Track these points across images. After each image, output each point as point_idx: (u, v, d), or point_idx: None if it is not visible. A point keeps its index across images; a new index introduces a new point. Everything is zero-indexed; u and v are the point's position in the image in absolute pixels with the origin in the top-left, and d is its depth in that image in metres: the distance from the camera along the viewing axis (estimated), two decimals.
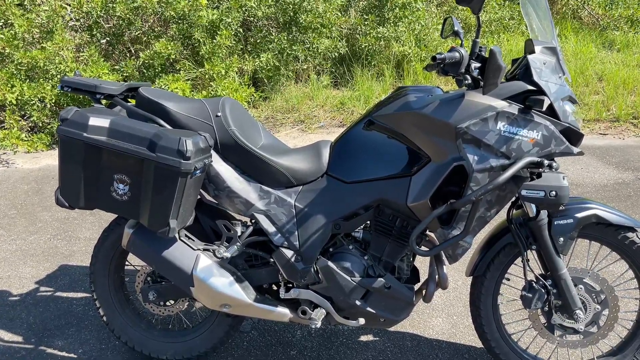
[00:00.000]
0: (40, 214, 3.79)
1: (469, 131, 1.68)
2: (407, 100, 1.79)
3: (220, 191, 1.93)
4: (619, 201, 3.61)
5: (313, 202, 1.94)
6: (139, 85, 2.03)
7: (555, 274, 1.87)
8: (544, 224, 1.83)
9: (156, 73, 5.61)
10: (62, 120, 1.77)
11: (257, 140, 2.02)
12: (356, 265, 1.94)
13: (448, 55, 1.64)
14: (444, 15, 6.88)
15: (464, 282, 2.73)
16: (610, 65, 6.12)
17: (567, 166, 4.20)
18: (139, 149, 1.73)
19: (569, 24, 7.21)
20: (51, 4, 5.33)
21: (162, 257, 1.93)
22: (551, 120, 1.70)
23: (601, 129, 5.10)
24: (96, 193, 1.82)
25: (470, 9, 1.62)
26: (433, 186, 1.76)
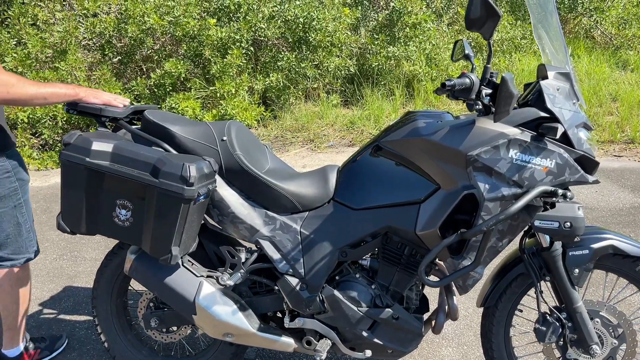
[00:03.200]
0: (47, 233, 3.78)
1: (479, 159, 1.63)
2: (416, 126, 1.75)
3: (224, 216, 1.89)
4: (635, 226, 3.51)
5: (319, 228, 1.89)
6: (145, 107, 2.01)
7: (570, 307, 1.79)
8: (558, 255, 1.77)
9: (167, 92, 5.64)
10: (65, 145, 1.75)
11: (263, 164, 1.98)
12: (363, 295, 1.88)
13: (458, 82, 1.60)
14: (454, 34, 6.87)
15: (474, 310, 2.65)
16: (624, 86, 6.05)
17: (581, 189, 4.12)
18: (142, 174, 1.70)
19: (581, 44, 7.17)
20: (65, 25, 5.39)
21: (164, 284, 1.89)
22: (565, 148, 1.64)
23: (616, 151, 5.01)
24: (98, 218, 1.79)
25: (481, 35, 1.58)
26: (443, 214, 1.70)
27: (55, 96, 1.90)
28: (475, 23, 1.55)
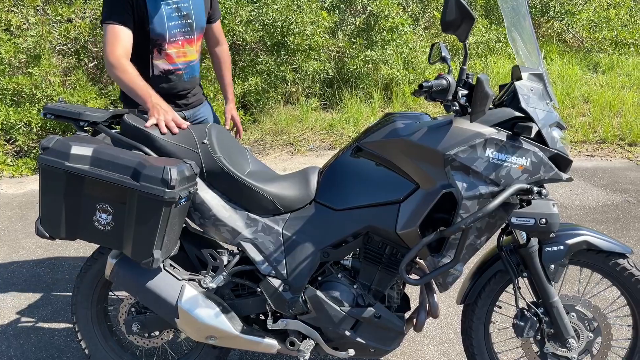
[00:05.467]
0: (23, 240, 3.71)
1: (457, 158, 1.66)
2: (395, 127, 1.78)
3: (206, 219, 1.89)
4: (608, 224, 3.61)
5: (301, 229, 1.91)
6: (124, 112, 2.00)
7: (547, 302, 1.84)
8: (535, 251, 1.81)
9: None
10: (43, 149, 1.73)
11: (244, 167, 1.99)
12: (345, 295, 1.90)
13: (435, 83, 1.63)
14: (431, 38, 6.96)
15: (455, 309, 2.69)
16: (595, 87, 6.20)
17: (556, 188, 4.20)
18: (123, 178, 1.69)
19: (554, 47, 7.32)
20: (38, 30, 5.31)
21: (146, 288, 1.88)
22: (540, 146, 1.69)
23: (588, 151, 5.13)
24: (78, 223, 1.78)
25: (457, 37, 1.62)
26: (422, 213, 1.73)
27: (132, 91, 2.08)
28: (451, 26, 1.59)
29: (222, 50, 2.74)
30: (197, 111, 2.58)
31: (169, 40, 2.32)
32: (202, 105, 2.63)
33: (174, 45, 2.34)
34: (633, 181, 4.37)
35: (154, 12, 2.25)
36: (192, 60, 2.45)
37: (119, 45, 2.15)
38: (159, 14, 2.26)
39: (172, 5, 2.30)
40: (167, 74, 2.38)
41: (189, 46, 2.40)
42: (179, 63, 2.39)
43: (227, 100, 2.80)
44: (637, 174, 4.55)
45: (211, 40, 2.69)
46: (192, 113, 2.55)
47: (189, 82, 2.48)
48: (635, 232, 3.48)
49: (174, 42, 2.34)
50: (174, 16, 2.31)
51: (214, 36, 2.67)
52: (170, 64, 2.37)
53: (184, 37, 2.37)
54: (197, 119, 2.58)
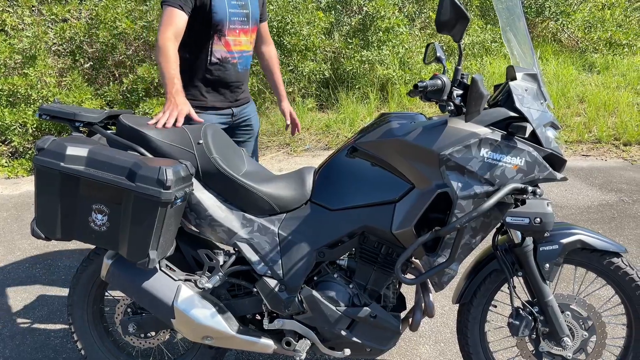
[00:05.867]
0: (19, 242, 3.71)
1: (452, 158, 1.67)
2: (390, 128, 1.78)
3: (201, 220, 1.90)
4: (603, 223, 3.62)
5: (297, 229, 1.91)
6: (120, 112, 2.00)
7: (542, 301, 1.85)
8: (530, 250, 1.82)
9: (140, 97, 5.58)
10: (39, 150, 1.73)
11: (239, 167, 1.99)
12: (341, 294, 1.90)
13: (430, 83, 1.64)
14: (427, 38, 6.98)
15: (451, 308, 2.70)
16: (590, 87, 6.23)
17: (551, 188, 4.22)
18: (118, 178, 1.69)
19: (549, 47, 7.35)
20: (34, 30, 5.30)
21: (142, 289, 1.88)
22: (534, 146, 1.70)
23: (584, 151, 5.16)
24: (73, 224, 1.78)
25: (452, 37, 1.63)
26: (417, 213, 1.74)
27: (163, 77, 2.16)
28: (446, 26, 1.60)
29: (270, 49, 2.80)
30: (244, 109, 2.63)
31: (228, 27, 2.39)
32: (249, 104, 2.68)
33: (232, 33, 2.42)
34: (628, 181, 4.39)
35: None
36: (246, 51, 2.52)
37: (170, 28, 2.22)
38: (221, 1, 2.34)
39: None
40: (224, 61, 2.44)
41: (244, 36, 2.48)
42: (235, 51, 2.46)
43: (281, 98, 2.86)
44: (632, 173, 4.57)
45: (259, 39, 2.72)
46: (240, 111, 2.60)
47: (242, 73, 2.54)
48: (630, 231, 3.50)
49: (232, 29, 2.41)
50: (234, 4, 2.40)
51: (262, 35, 2.73)
52: (227, 51, 2.43)
53: (241, 26, 2.45)
54: (243, 117, 2.62)
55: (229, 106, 2.54)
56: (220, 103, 2.51)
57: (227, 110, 2.53)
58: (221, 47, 2.42)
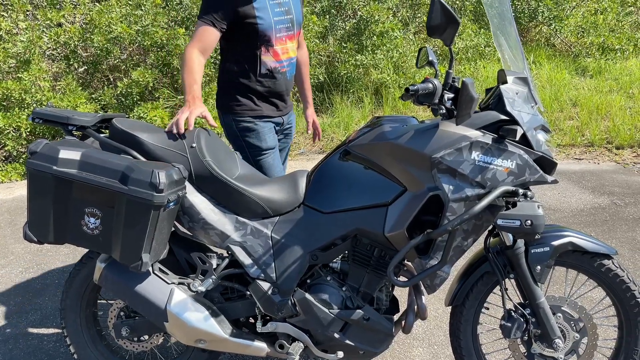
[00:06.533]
0: (12, 246, 3.70)
1: (443, 161, 1.68)
2: (382, 131, 1.79)
3: (195, 223, 1.90)
4: (596, 226, 3.64)
5: (290, 233, 1.91)
6: (113, 116, 2.00)
7: (533, 303, 1.86)
8: (521, 253, 1.83)
9: (134, 101, 5.58)
10: (32, 153, 1.73)
11: (233, 170, 2.00)
12: (334, 297, 1.91)
13: (421, 87, 1.65)
14: (421, 42, 7.01)
15: (444, 311, 2.71)
16: (583, 91, 6.27)
17: (544, 191, 4.24)
18: (111, 181, 1.70)
19: (542, 52, 7.39)
20: (28, 35, 5.29)
21: (135, 292, 1.88)
22: (525, 149, 1.71)
23: (576, 154, 5.19)
24: (66, 227, 1.78)
25: (442, 41, 1.64)
26: (409, 216, 1.75)
27: (183, 86, 2.16)
28: (436, 30, 1.61)
29: (302, 53, 2.71)
30: (289, 117, 2.60)
31: (275, 36, 2.32)
32: (292, 112, 2.63)
33: (279, 41, 2.35)
34: (620, 184, 4.42)
35: (259, 6, 2.25)
36: (292, 58, 2.46)
37: (198, 43, 2.21)
38: (265, 9, 2.27)
39: (275, 0, 2.31)
40: (274, 72, 2.38)
41: (290, 42, 2.41)
42: (283, 60, 2.40)
43: (307, 104, 2.83)
44: (624, 176, 4.60)
45: None
46: (287, 119, 2.57)
47: (290, 80, 2.50)
48: (622, 233, 3.52)
49: (279, 38, 2.35)
50: (278, 11, 2.32)
51: (297, 38, 2.62)
52: (276, 61, 2.37)
53: (287, 33, 2.38)
54: (288, 125, 2.60)
55: (280, 115, 2.50)
56: (273, 112, 2.46)
57: (278, 119, 2.50)
58: (270, 58, 2.35)
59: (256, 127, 2.40)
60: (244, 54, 2.33)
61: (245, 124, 2.39)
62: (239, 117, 2.40)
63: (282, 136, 2.61)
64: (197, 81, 2.15)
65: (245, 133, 2.40)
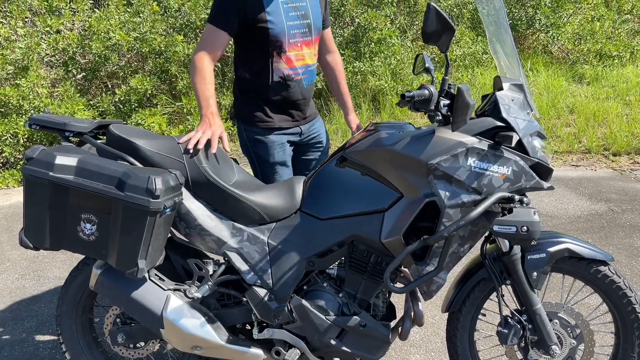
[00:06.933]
0: (9, 252, 3.69)
1: (439, 167, 1.68)
2: (379, 137, 1.80)
3: (191, 229, 1.90)
4: (593, 232, 3.65)
5: (286, 239, 1.91)
6: (110, 122, 2.00)
7: (530, 309, 1.86)
8: (517, 259, 1.83)
9: (132, 108, 5.59)
10: (28, 159, 1.73)
11: (229, 177, 2.00)
12: (331, 304, 1.90)
13: (417, 93, 1.66)
14: (419, 49, 7.03)
15: (441, 317, 2.70)
16: (580, 98, 6.29)
17: (541, 198, 4.25)
18: (107, 187, 1.70)
19: (540, 59, 7.42)
20: (27, 41, 5.30)
21: (131, 298, 1.88)
22: (521, 155, 1.71)
23: (573, 161, 5.20)
24: (62, 233, 1.77)
25: (438, 48, 1.65)
26: (406, 222, 1.75)
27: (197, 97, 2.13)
28: (432, 37, 1.62)
29: (334, 58, 2.60)
30: (312, 126, 2.48)
31: (288, 42, 2.23)
32: (317, 119, 2.53)
33: (293, 47, 2.25)
34: (617, 190, 4.43)
35: (271, 11, 2.18)
36: (310, 65, 2.35)
37: (207, 47, 2.17)
38: (277, 12, 2.19)
39: (289, 4, 2.22)
40: (287, 79, 2.29)
41: (307, 49, 2.31)
42: (298, 67, 2.29)
43: (347, 110, 2.66)
44: (621, 183, 4.61)
45: (323, 48, 2.52)
46: (308, 128, 2.46)
47: (308, 89, 2.39)
48: (619, 240, 3.52)
49: (293, 43, 2.25)
50: (292, 15, 2.22)
51: (326, 44, 2.53)
52: (289, 68, 2.27)
53: (303, 39, 2.28)
54: (312, 135, 2.48)
55: (297, 125, 2.39)
56: (287, 123, 2.36)
57: (295, 129, 2.39)
58: (282, 65, 2.25)
59: (265, 140, 2.33)
60: (255, 61, 2.27)
61: (254, 135, 2.34)
62: (249, 127, 2.35)
63: (311, 148, 2.49)
64: (213, 94, 2.12)
65: (255, 144, 2.36)
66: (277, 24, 2.19)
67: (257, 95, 2.31)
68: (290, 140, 2.40)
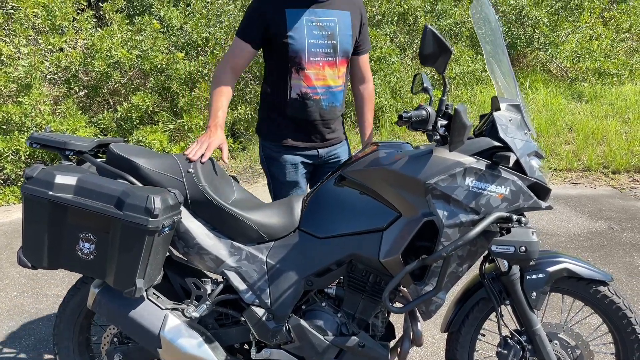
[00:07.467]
0: (7, 270, 3.68)
1: (437, 187, 1.69)
2: (377, 156, 1.81)
3: (190, 248, 1.90)
4: (593, 251, 3.64)
5: (285, 258, 1.91)
6: (110, 140, 2.01)
7: (529, 330, 1.85)
8: (516, 279, 1.83)
9: (134, 125, 5.62)
10: (27, 178, 1.74)
11: (228, 195, 2.00)
12: (329, 323, 1.90)
13: (414, 114, 1.67)
14: (418, 68, 7.09)
15: (440, 337, 2.68)
16: (579, 116, 6.32)
17: (541, 215, 4.25)
18: (106, 206, 1.70)
19: (539, 77, 7.47)
20: (30, 59, 5.35)
21: (128, 318, 1.87)
22: (518, 175, 1.72)
23: (573, 179, 5.20)
24: (60, 252, 1.77)
25: (436, 69, 1.67)
26: (404, 241, 1.75)
27: (210, 106, 2.20)
28: (429, 59, 1.64)
29: (366, 88, 2.53)
30: (333, 150, 2.41)
31: (308, 59, 2.21)
32: (341, 145, 2.45)
33: (313, 66, 2.23)
34: (617, 209, 4.42)
35: (293, 26, 2.17)
36: (332, 86, 2.29)
37: (230, 58, 2.25)
38: (299, 29, 2.18)
39: (315, 22, 2.20)
40: (304, 97, 2.26)
41: (329, 69, 2.26)
42: (317, 86, 2.26)
43: (362, 139, 2.59)
44: (621, 201, 4.61)
45: (356, 75, 2.48)
46: (327, 152, 2.39)
47: (328, 111, 2.32)
48: (620, 259, 3.51)
49: (314, 62, 2.22)
50: (316, 34, 2.20)
51: (360, 70, 2.47)
52: (308, 86, 2.24)
53: (325, 59, 2.24)
54: (331, 159, 2.42)
55: (314, 147, 2.34)
56: (304, 143, 2.32)
57: (312, 151, 2.35)
58: (300, 82, 2.24)
59: (279, 158, 2.33)
60: (276, 75, 2.28)
61: (270, 151, 2.36)
62: (265, 143, 2.38)
63: (326, 169, 2.39)
64: (223, 106, 2.15)
65: (269, 161, 2.37)
66: (298, 40, 2.19)
67: (275, 110, 2.33)
68: (305, 162, 2.37)
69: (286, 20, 2.18)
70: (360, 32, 2.37)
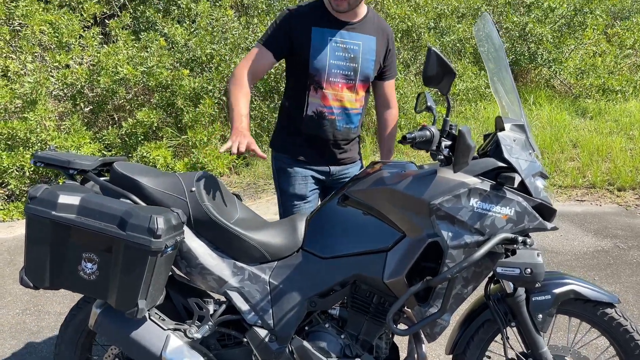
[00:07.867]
0: (10, 286, 3.67)
1: (442, 208, 1.68)
2: (381, 176, 1.80)
3: (192, 268, 1.89)
4: (599, 269, 3.60)
5: (288, 278, 1.90)
6: (114, 159, 2.02)
7: (536, 352, 1.82)
8: (522, 301, 1.81)
9: (138, 141, 5.64)
10: (31, 199, 1.73)
11: (232, 214, 1.99)
12: (332, 345, 1.87)
13: (418, 134, 1.67)
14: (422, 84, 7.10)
15: (446, 359, 2.65)
16: (584, 133, 6.30)
17: (546, 234, 4.22)
18: (109, 227, 1.69)
19: (543, 93, 7.48)
20: (36, 76, 5.39)
21: (130, 338, 1.85)
22: (523, 196, 1.71)
23: (578, 196, 5.17)
24: (62, 273, 1.76)
25: (439, 91, 1.67)
26: (409, 262, 1.73)
27: (230, 110, 2.15)
28: (433, 80, 1.64)
29: (389, 114, 2.51)
30: (345, 169, 2.43)
31: (327, 79, 2.24)
32: (354, 164, 2.47)
33: (332, 86, 2.25)
34: (623, 226, 4.39)
35: (317, 45, 2.20)
36: (348, 108, 2.30)
37: (249, 62, 2.23)
38: (322, 49, 2.20)
39: (339, 44, 2.22)
40: (320, 116, 2.28)
41: (348, 92, 2.28)
42: (333, 107, 2.27)
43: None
44: (627, 219, 4.58)
45: (380, 100, 2.49)
46: (340, 170, 2.42)
47: (342, 132, 2.33)
48: (627, 278, 3.47)
49: (333, 82, 2.25)
50: (338, 55, 2.23)
51: (384, 96, 2.47)
52: (324, 105, 2.26)
53: (345, 81, 2.26)
54: (342, 177, 2.43)
55: (327, 164, 2.37)
56: (315, 160, 2.35)
57: (324, 168, 2.37)
58: (317, 100, 2.26)
59: (289, 171, 2.34)
60: (295, 90, 2.31)
61: (281, 163, 2.37)
62: (277, 154, 2.39)
63: (336, 186, 2.39)
64: (245, 110, 2.13)
65: (279, 173, 2.38)
66: (319, 59, 2.21)
67: (291, 124, 2.35)
68: (316, 177, 2.38)
69: (311, 37, 2.21)
70: (386, 59, 2.38)
